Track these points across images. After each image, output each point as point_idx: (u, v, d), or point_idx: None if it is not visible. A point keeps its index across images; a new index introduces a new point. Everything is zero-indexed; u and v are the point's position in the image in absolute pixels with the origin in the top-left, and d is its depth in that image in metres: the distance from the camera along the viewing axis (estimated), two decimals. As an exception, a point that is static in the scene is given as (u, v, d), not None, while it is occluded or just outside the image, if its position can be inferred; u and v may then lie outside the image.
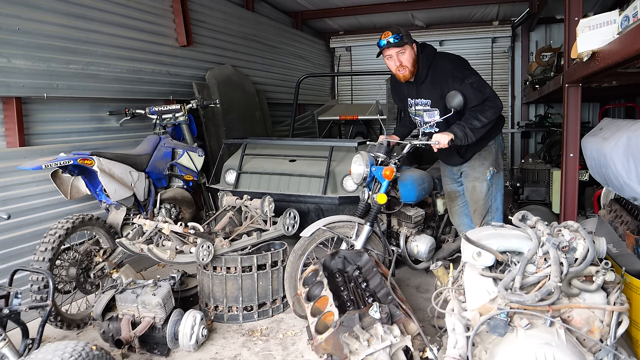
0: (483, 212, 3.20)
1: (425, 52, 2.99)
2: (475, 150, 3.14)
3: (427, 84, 3.00)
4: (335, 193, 3.73)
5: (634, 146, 2.15)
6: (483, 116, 2.81)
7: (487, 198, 3.18)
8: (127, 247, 3.08)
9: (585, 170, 3.65)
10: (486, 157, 3.16)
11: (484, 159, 3.17)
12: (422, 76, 2.99)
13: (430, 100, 3.03)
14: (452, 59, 3.00)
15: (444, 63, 2.96)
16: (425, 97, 3.05)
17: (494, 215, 3.21)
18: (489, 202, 3.19)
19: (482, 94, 2.84)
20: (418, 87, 3.05)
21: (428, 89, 3.01)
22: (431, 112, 3.07)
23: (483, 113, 2.81)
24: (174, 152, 3.88)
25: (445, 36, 8.49)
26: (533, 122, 7.64)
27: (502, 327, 1.58)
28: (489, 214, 3.19)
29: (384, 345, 1.90)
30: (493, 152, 3.17)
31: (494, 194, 3.21)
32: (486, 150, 3.16)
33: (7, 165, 3.08)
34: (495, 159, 3.17)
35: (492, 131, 3.06)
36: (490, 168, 3.15)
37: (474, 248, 1.77)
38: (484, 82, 2.92)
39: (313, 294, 2.46)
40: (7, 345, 1.86)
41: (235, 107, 5.26)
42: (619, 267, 1.89)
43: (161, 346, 2.66)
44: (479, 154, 3.16)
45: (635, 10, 1.68)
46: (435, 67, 2.96)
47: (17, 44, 3.15)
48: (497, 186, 3.21)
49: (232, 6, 5.73)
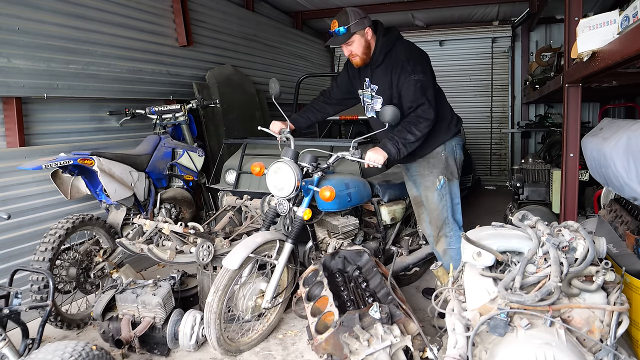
0: (438, 224, 2.95)
1: (387, 36, 2.83)
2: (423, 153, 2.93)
3: (381, 68, 2.85)
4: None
5: (634, 146, 2.15)
6: (417, 129, 2.65)
7: (440, 208, 2.92)
8: (127, 247, 3.09)
9: (585, 170, 3.64)
10: (435, 164, 2.92)
11: (432, 166, 2.93)
12: (379, 61, 2.83)
13: (378, 87, 2.88)
14: (410, 49, 2.82)
15: (401, 51, 2.80)
16: (375, 82, 2.89)
17: (452, 227, 2.94)
18: (444, 213, 2.92)
19: (421, 96, 2.67)
20: (372, 71, 2.89)
21: (380, 74, 2.85)
22: (375, 99, 2.91)
23: (417, 126, 2.65)
24: (174, 152, 3.88)
25: (445, 36, 8.49)
26: (533, 122, 7.65)
27: (502, 327, 1.58)
28: (445, 225, 2.93)
29: (384, 345, 1.90)
30: (442, 160, 2.92)
31: (448, 204, 2.93)
32: (434, 158, 2.93)
33: (7, 165, 3.08)
34: (445, 166, 2.92)
35: (438, 136, 2.89)
36: (439, 177, 2.90)
37: (474, 248, 1.77)
38: (429, 85, 2.73)
39: (313, 294, 2.46)
40: (7, 345, 1.86)
41: (235, 107, 5.26)
42: (619, 267, 1.89)
43: (161, 346, 2.66)
44: (427, 160, 2.95)
45: (635, 10, 1.68)
46: (392, 54, 2.81)
47: (17, 44, 3.15)
48: (450, 196, 2.93)
49: (232, 6, 5.73)
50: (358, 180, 3.08)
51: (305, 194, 2.70)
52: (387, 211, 3.27)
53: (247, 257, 2.50)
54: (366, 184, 3.17)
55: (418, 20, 8.20)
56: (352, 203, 2.95)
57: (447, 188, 2.92)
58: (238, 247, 2.55)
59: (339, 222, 2.99)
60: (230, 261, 2.48)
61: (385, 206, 3.28)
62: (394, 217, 3.33)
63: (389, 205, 3.29)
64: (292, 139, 2.88)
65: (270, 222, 2.81)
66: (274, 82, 3.03)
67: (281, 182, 2.64)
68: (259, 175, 2.77)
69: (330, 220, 3.01)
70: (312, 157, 2.68)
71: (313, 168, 2.67)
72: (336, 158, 2.70)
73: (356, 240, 3.17)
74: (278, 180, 2.65)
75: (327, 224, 3.03)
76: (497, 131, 8.58)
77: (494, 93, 8.48)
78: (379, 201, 3.27)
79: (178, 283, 2.92)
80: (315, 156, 2.70)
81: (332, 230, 3.02)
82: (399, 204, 3.37)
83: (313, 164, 2.67)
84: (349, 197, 2.89)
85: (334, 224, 2.99)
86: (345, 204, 2.88)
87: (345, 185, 2.87)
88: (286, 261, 2.67)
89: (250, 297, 2.66)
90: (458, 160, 3.00)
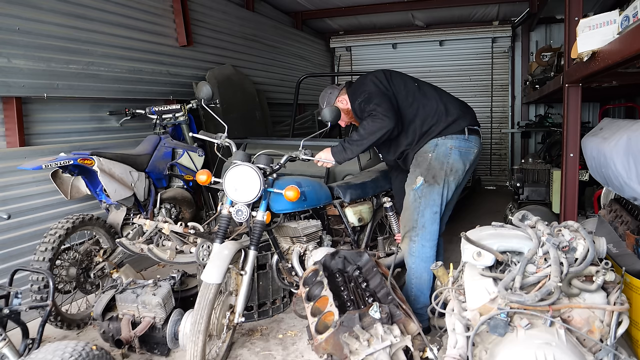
0: (406, 224, 2.84)
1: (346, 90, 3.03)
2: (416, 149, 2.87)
3: None
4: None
5: (634, 146, 2.15)
6: (361, 127, 2.70)
7: (412, 210, 2.81)
8: (127, 247, 3.09)
9: (585, 170, 3.64)
10: (420, 163, 2.83)
11: (417, 164, 2.85)
12: None
13: None
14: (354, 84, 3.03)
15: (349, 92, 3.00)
16: None
17: (418, 232, 2.78)
18: (414, 215, 2.80)
19: (365, 112, 2.74)
20: None
21: None
22: None
23: (362, 125, 2.72)
24: (174, 152, 3.88)
25: (445, 36, 8.49)
26: (533, 122, 7.65)
27: (502, 327, 1.58)
28: (412, 229, 2.80)
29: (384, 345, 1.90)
30: (427, 161, 2.79)
31: (422, 208, 2.78)
32: (421, 156, 2.84)
33: (7, 165, 3.08)
34: (427, 168, 2.78)
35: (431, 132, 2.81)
36: (419, 177, 2.79)
37: (474, 248, 1.77)
38: (370, 99, 2.73)
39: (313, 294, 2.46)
40: (7, 345, 1.86)
41: (235, 107, 5.26)
42: (619, 267, 1.89)
43: (161, 346, 2.66)
44: (416, 158, 2.87)
45: (635, 10, 1.68)
46: None
47: (17, 44, 3.15)
48: (427, 201, 2.78)
49: (232, 6, 5.73)
50: (311, 180, 2.94)
51: (263, 197, 2.57)
52: (353, 212, 3.16)
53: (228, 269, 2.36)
54: (322, 185, 3.04)
55: (418, 20, 8.20)
56: (308, 203, 2.82)
57: (425, 192, 2.78)
58: (213, 259, 2.37)
59: (299, 225, 2.85)
60: (211, 275, 2.31)
61: (350, 207, 3.17)
62: (362, 218, 3.21)
63: (353, 205, 3.18)
64: (232, 143, 2.82)
65: (224, 233, 2.59)
66: (204, 84, 2.92)
67: (244, 186, 2.49)
68: (205, 183, 2.61)
69: (290, 224, 2.86)
70: (267, 158, 2.59)
71: (270, 170, 2.58)
72: (287, 158, 2.69)
73: (323, 244, 3.04)
74: (241, 185, 2.49)
75: (287, 229, 2.88)
76: (497, 131, 8.58)
77: (494, 93, 8.49)
78: (342, 203, 3.15)
79: (178, 283, 2.92)
80: (270, 157, 2.61)
81: (294, 235, 2.89)
82: (365, 203, 3.27)
83: (270, 165, 2.59)
84: (303, 196, 2.75)
85: (294, 227, 2.84)
86: (301, 203, 2.74)
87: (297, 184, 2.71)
88: (252, 269, 2.55)
89: (223, 314, 2.49)
90: (450, 166, 2.76)
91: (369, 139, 2.68)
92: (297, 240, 2.89)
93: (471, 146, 2.82)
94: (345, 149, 2.73)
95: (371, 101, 2.72)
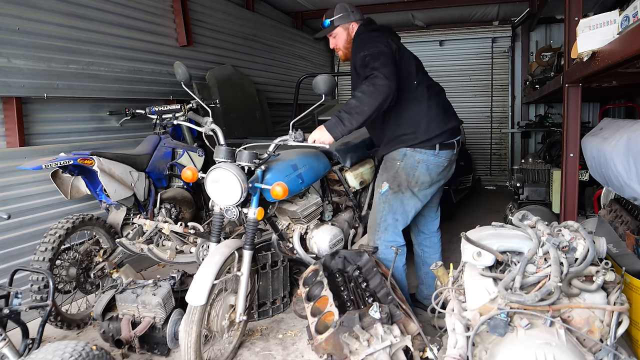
0: (371, 225, 2.82)
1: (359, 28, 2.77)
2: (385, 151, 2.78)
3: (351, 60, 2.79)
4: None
5: (634, 146, 2.15)
6: (360, 91, 2.38)
7: (377, 211, 2.77)
8: (127, 247, 3.09)
9: (585, 170, 3.64)
10: (387, 168, 2.76)
11: (385, 169, 2.77)
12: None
13: None
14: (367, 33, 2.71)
15: (359, 36, 2.71)
16: None
17: (381, 235, 2.76)
18: (377, 218, 2.76)
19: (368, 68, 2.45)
20: None
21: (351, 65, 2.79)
22: None
23: (360, 88, 2.40)
24: (174, 152, 3.88)
25: (445, 36, 8.49)
26: (533, 122, 7.64)
27: (502, 327, 1.58)
28: (375, 232, 2.78)
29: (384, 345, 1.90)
30: (394, 168, 2.72)
31: (385, 213, 2.74)
32: (389, 162, 2.76)
33: (7, 165, 3.08)
34: (394, 176, 2.71)
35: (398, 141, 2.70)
36: (384, 182, 2.74)
37: (474, 248, 1.77)
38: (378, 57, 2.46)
39: (313, 294, 2.46)
40: (7, 345, 1.86)
41: (235, 107, 5.26)
42: (619, 267, 1.89)
43: (161, 346, 2.66)
44: (385, 161, 2.78)
45: (635, 10, 1.68)
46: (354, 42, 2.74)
47: (17, 44, 3.15)
48: (390, 207, 2.73)
49: (232, 6, 5.73)
50: (308, 155, 2.72)
51: (252, 193, 2.40)
52: (354, 176, 2.96)
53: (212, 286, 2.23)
54: (320, 155, 2.83)
55: (418, 20, 8.20)
56: (306, 183, 2.66)
57: (389, 198, 2.72)
58: (198, 277, 2.23)
59: (298, 207, 2.66)
60: (195, 297, 2.19)
61: (350, 171, 2.97)
62: (363, 180, 3.02)
63: (354, 169, 2.97)
64: (218, 130, 2.55)
65: (219, 231, 2.52)
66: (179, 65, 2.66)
67: (225, 191, 2.32)
68: (192, 181, 2.48)
69: (288, 207, 2.67)
70: (249, 154, 2.37)
71: (255, 165, 2.39)
72: (276, 146, 2.45)
73: (325, 217, 2.87)
74: (221, 189, 2.34)
75: (285, 211, 2.71)
76: (497, 131, 8.58)
77: (494, 93, 8.48)
78: (341, 168, 2.96)
79: (178, 283, 2.92)
80: (253, 152, 2.39)
81: (293, 217, 2.73)
82: (366, 164, 3.08)
83: (254, 161, 2.38)
84: (300, 179, 2.57)
85: (292, 210, 2.66)
86: (298, 186, 2.58)
87: (293, 167, 2.55)
88: (249, 269, 2.46)
89: (223, 315, 2.46)
90: (415, 179, 2.69)
91: (370, 105, 2.35)
92: (297, 222, 2.74)
93: (440, 161, 2.72)
94: (343, 120, 2.38)
95: (378, 59, 2.45)
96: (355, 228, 3.13)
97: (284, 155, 2.63)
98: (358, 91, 2.38)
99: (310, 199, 2.74)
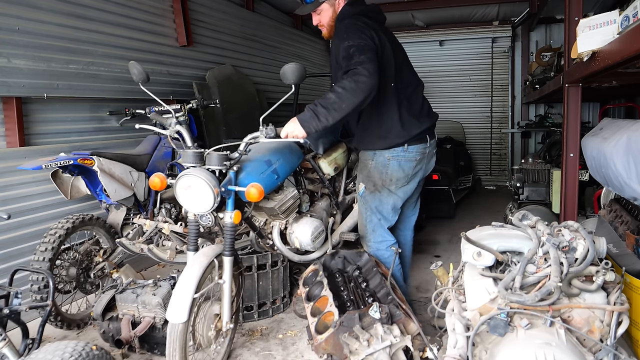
0: (360, 230, 2.82)
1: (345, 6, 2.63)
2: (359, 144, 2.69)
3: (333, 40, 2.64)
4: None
5: (634, 146, 2.15)
6: (339, 85, 2.22)
7: (361, 215, 2.76)
8: (127, 247, 3.09)
9: (585, 170, 3.64)
10: (362, 169, 2.72)
11: (360, 169, 2.71)
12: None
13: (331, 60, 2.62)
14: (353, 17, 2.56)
15: (344, 20, 2.55)
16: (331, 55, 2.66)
17: (370, 237, 2.72)
18: (363, 220, 2.74)
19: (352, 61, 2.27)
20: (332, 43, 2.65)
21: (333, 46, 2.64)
22: None
23: (340, 83, 2.25)
24: (174, 152, 3.88)
25: (445, 36, 8.50)
26: (533, 122, 7.65)
27: (502, 327, 1.58)
28: (366, 235, 2.77)
29: (384, 345, 1.90)
30: (367, 168, 2.67)
31: (368, 214, 2.71)
32: (363, 162, 2.70)
33: (7, 165, 3.08)
34: (367, 176, 2.66)
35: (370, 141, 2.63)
36: (361, 183, 2.70)
37: (474, 248, 1.77)
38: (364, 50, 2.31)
39: (313, 294, 2.46)
40: (7, 345, 1.86)
41: (235, 107, 5.26)
42: (619, 267, 1.89)
43: (161, 346, 2.65)
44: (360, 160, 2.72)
45: (635, 10, 1.68)
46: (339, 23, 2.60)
47: (17, 44, 3.15)
48: (370, 207, 2.68)
49: (232, 6, 5.73)
50: (280, 148, 2.62)
51: (226, 196, 2.25)
52: (327, 162, 2.89)
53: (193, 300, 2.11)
54: (292, 146, 2.73)
55: (418, 20, 8.20)
56: (282, 178, 2.57)
57: (367, 199, 2.68)
58: (177, 292, 2.11)
59: (275, 202, 2.56)
60: (176, 314, 2.07)
61: (323, 158, 2.89)
62: (337, 166, 2.95)
63: (327, 155, 2.90)
64: (185, 132, 2.39)
65: (195, 240, 2.38)
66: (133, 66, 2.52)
67: (196, 198, 2.19)
68: (160, 189, 2.34)
69: (265, 204, 2.57)
70: (218, 157, 2.23)
71: (226, 167, 2.25)
72: (247, 144, 2.31)
73: (302, 209, 2.79)
74: (192, 197, 2.19)
75: (262, 208, 2.62)
76: (497, 131, 8.58)
77: (494, 93, 8.49)
78: (314, 156, 2.88)
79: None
80: (223, 154, 2.26)
81: (271, 213, 2.64)
82: (338, 148, 3.00)
83: (225, 164, 2.24)
84: (275, 175, 2.47)
85: (270, 207, 2.58)
86: (274, 182, 2.49)
87: (267, 162, 2.45)
88: (231, 276, 2.34)
89: (208, 325, 2.37)
90: (389, 176, 2.62)
91: (350, 103, 2.20)
92: (275, 218, 2.64)
93: (411, 156, 2.63)
94: (318, 115, 2.20)
95: (364, 52, 2.29)
96: (333, 216, 3.06)
97: (255, 151, 2.51)
98: (339, 86, 2.23)
99: (287, 193, 2.63)
